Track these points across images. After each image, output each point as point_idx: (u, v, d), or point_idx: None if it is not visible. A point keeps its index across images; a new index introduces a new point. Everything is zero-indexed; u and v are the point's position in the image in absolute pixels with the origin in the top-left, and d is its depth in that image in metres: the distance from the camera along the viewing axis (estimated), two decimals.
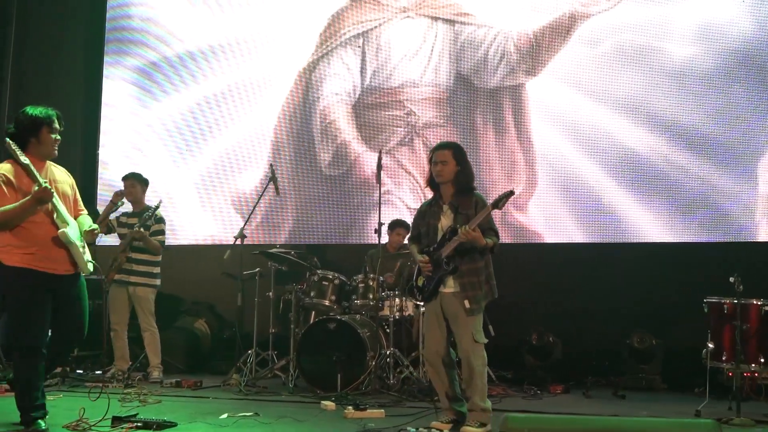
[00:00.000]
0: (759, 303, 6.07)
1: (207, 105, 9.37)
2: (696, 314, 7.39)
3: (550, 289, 8.03)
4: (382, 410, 5.79)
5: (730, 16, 7.82)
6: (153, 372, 7.46)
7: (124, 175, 7.81)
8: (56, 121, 5.04)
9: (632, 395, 6.97)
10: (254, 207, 7.90)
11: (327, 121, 8.97)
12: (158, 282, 7.58)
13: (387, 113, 8.79)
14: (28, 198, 4.80)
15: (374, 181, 8.67)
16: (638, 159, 7.99)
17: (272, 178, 7.59)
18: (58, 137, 5.04)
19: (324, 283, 7.36)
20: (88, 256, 5.07)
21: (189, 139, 9.43)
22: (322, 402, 6.19)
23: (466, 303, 5.13)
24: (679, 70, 7.93)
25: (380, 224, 7.09)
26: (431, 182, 5.45)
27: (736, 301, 5.96)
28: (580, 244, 8.09)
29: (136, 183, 7.69)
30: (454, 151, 5.35)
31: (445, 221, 5.31)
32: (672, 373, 7.41)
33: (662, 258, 7.81)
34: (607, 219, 8.07)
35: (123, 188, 7.67)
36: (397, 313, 7.11)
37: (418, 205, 8.40)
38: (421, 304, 5.54)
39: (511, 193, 5.15)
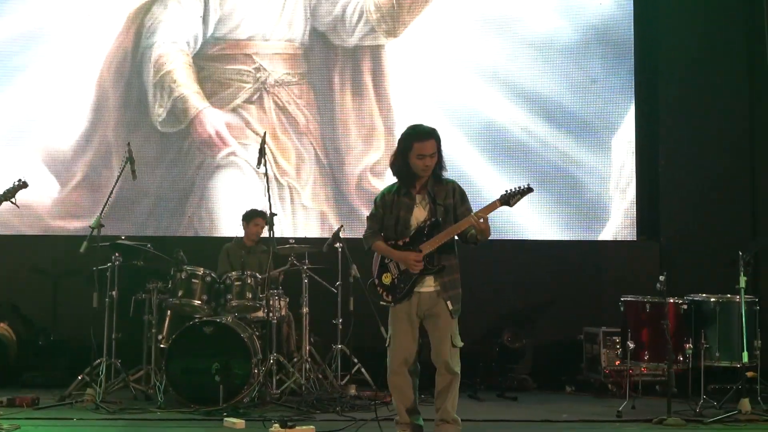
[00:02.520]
0: (679, 301, 6.05)
1: (13, 44, 7.96)
2: (565, 311, 7.54)
3: None
4: (312, 426, 5.15)
5: None
6: None
7: None
8: None
9: (517, 396, 6.75)
10: (111, 192, 6.56)
11: (162, 71, 7.96)
12: None
13: (233, 67, 7.97)
14: None
15: (217, 140, 7.91)
16: (499, 129, 7.87)
17: (129, 159, 6.45)
18: None
19: (194, 280, 6.35)
20: None
21: None
22: (227, 419, 5.36)
23: (449, 304, 4.55)
24: (540, 43, 7.93)
25: (272, 215, 6.23)
26: (403, 172, 4.65)
27: (655, 300, 5.95)
28: None
29: None
30: (436, 140, 4.62)
31: (419, 214, 4.63)
32: (540, 373, 7.32)
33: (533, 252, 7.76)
34: (467, 189, 7.85)
35: None
36: (270, 314, 6.37)
37: (267, 169, 7.81)
38: (391, 304, 4.67)
39: (530, 190, 4.58)
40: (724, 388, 6.09)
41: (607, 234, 7.76)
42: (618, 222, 7.77)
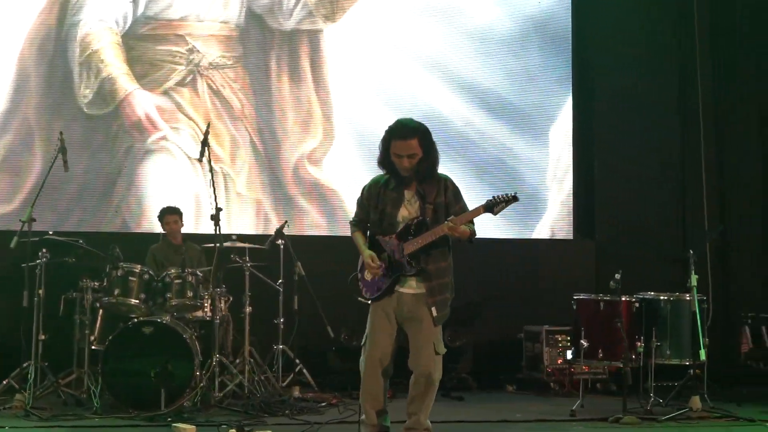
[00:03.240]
0: (632, 300, 6.07)
1: None
2: (502, 309, 7.53)
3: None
4: (269, 431, 4.96)
5: None
6: None
7: None
8: None
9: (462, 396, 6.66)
10: (42, 184, 6.13)
11: (89, 51, 7.56)
12: None
13: (165, 48, 7.64)
14: None
15: (147, 123, 7.59)
16: (438, 118, 7.77)
17: (61, 149, 6.01)
18: None
19: (130, 278, 6.00)
20: None
21: None
22: (176, 425, 5.08)
23: (434, 311, 4.32)
24: (480, 33, 7.91)
25: (218, 209, 5.86)
26: (386, 167, 4.43)
27: (608, 298, 5.98)
28: None
29: None
30: (421, 139, 4.33)
31: (407, 211, 4.40)
32: (480, 372, 7.27)
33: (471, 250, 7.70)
34: None
35: None
36: (210, 314, 6.15)
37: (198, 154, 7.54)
38: (368, 301, 4.48)
39: (515, 199, 4.33)
40: (665, 386, 6.15)
41: (544, 225, 7.82)
42: (555, 213, 7.85)
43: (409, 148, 4.31)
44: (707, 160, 7.72)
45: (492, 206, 4.32)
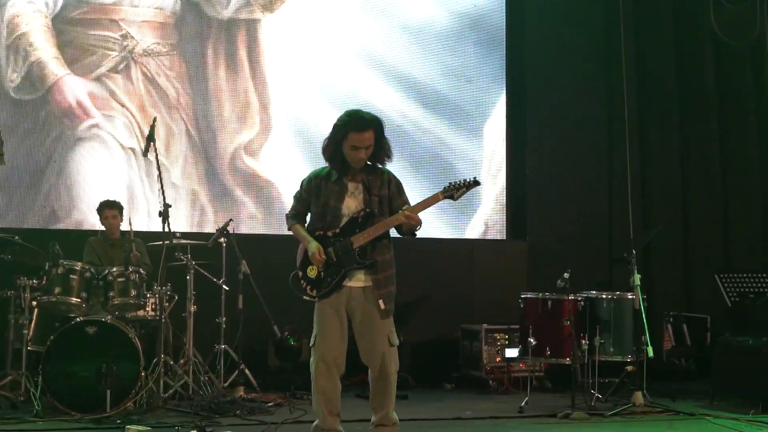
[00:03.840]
0: (579, 299, 6.23)
1: None
2: (438, 309, 7.60)
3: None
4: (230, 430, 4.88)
5: None
6: None
7: None
8: None
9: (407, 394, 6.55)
10: None
11: (17, 33, 7.28)
12: None
13: (97, 33, 7.43)
14: None
15: (79, 110, 7.38)
16: (375, 111, 7.59)
17: None
18: None
19: (71, 276, 5.79)
20: None
21: None
22: (131, 427, 4.92)
23: (381, 303, 4.32)
24: (416, 27, 7.98)
25: (166, 206, 5.73)
26: (336, 160, 4.41)
27: (555, 297, 6.12)
28: None
29: None
30: (376, 131, 4.37)
31: (352, 203, 4.40)
32: (418, 370, 7.23)
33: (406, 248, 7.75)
34: None
35: None
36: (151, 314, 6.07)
37: (133, 144, 7.42)
38: (315, 299, 4.44)
39: (476, 183, 4.40)
40: (604, 383, 6.32)
41: (479, 219, 7.97)
42: (489, 208, 8.00)
43: (368, 139, 4.35)
44: (632, 162, 7.96)
45: (452, 192, 4.38)
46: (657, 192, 8.13)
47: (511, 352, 6.71)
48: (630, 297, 6.08)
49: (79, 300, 5.81)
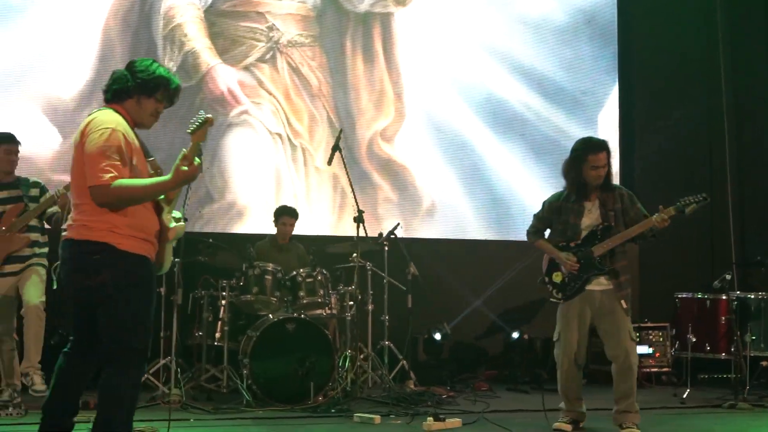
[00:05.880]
0: (732, 298, 6.68)
1: None
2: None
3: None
4: (459, 419, 5.25)
5: None
6: (34, 377, 5.66)
7: None
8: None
9: None
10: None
11: (172, 24, 7.70)
12: None
13: (245, 25, 7.86)
14: (172, 176, 3.62)
15: (229, 98, 7.81)
16: (499, 100, 8.37)
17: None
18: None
19: (266, 277, 6.25)
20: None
21: None
22: (359, 415, 5.36)
23: (623, 303, 4.88)
24: (535, 22, 8.50)
25: (360, 212, 6.16)
26: (577, 182, 4.96)
27: (712, 297, 6.65)
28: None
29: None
30: (608, 151, 4.97)
31: (588, 219, 4.97)
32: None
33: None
34: (468, 154, 8.31)
35: None
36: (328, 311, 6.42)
37: (279, 129, 7.86)
38: (561, 301, 5.02)
39: (705, 200, 4.92)
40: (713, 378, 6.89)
41: None
42: None
43: (601, 159, 4.94)
44: (731, 157, 8.53)
45: (683, 208, 4.91)
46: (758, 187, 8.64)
47: (641, 349, 7.04)
48: None
49: (274, 299, 6.27)
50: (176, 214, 3.96)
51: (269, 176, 7.74)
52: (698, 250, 8.48)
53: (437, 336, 7.57)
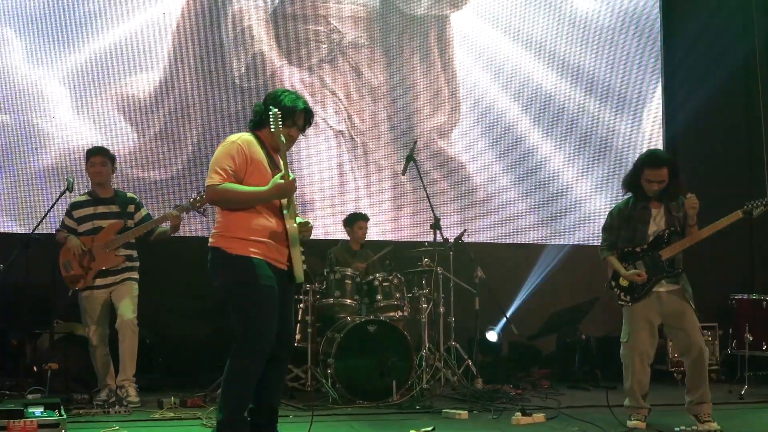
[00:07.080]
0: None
1: None
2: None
3: None
4: (542, 414, 5.55)
5: None
6: (129, 389, 5.91)
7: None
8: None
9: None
10: None
11: (240, 27, 8.04)
12: None
13: (308, 27, 8.21)
14: (269, 188, 4.13)
15: None
16: (548, 97, 8.73)
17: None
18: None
19: (346, 281, 6.63)
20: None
21: (57, 32, 7.61)
22: (448, 411, 5.65)
23: (692, 303, 5.14)
24: (582, 22, 8.86)
25: (437, 219, 6.53)
26: (633, 189, 5.21)
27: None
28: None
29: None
30: (670, 169, 5.10)
31: (654, 226, 5.18)
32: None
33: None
34: (521, 150, 8.67)
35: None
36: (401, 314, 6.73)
37: (342, 128, 8.20)
38: (628, 304, 5.23)
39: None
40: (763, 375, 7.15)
41: None
42: None
43: (661, 176, 5.10)
44: None
45: (750, 210, 5.15)
46: None
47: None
48: None
49: (353, 302, 6.63)
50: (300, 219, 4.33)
51: (332, 171, 8.09)
52: (738, 252, 8.79)
53: (492, 337, 7.95)
